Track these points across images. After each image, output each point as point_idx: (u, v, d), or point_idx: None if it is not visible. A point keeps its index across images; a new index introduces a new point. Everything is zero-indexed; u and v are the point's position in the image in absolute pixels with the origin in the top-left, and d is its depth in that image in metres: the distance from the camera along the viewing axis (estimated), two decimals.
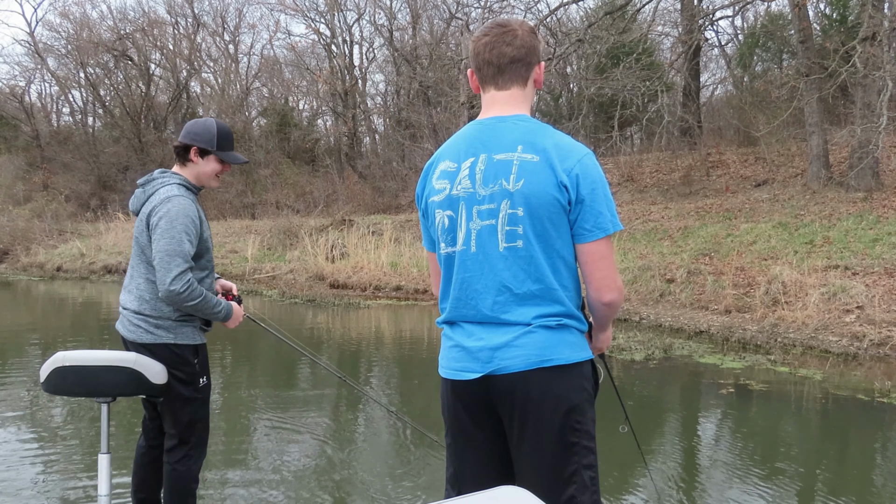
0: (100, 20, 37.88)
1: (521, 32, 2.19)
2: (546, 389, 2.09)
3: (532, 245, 2.09)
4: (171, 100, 35.82)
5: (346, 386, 7.47)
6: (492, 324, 2.15)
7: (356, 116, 31.87)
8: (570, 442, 2.11)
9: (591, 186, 2.08)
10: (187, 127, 3.37)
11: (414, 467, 4.90)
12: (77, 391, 3.11)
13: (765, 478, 4.60)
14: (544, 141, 2.11)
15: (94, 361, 3.03)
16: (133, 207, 3.33)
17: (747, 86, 25.27)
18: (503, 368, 2.10)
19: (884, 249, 10.95)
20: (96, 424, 5.78)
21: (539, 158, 2.09)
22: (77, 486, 4.47)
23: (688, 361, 7.91)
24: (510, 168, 2.11)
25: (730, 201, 16.30)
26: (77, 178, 32.45)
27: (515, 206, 2.09)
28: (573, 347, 2.13)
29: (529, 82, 2.23)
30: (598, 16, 17.95)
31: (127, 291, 3.33)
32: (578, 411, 2.11)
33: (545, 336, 2.10)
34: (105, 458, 3.10)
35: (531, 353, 2.09)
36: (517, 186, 2.09)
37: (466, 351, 2.17)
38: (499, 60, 2.18)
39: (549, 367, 2.09)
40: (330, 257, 17.03)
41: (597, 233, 2.09)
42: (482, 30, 2.24)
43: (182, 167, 3.36)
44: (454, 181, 2.19)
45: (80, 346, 9.34)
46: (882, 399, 6.31)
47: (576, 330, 2.16)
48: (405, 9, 31.82)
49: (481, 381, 2.14)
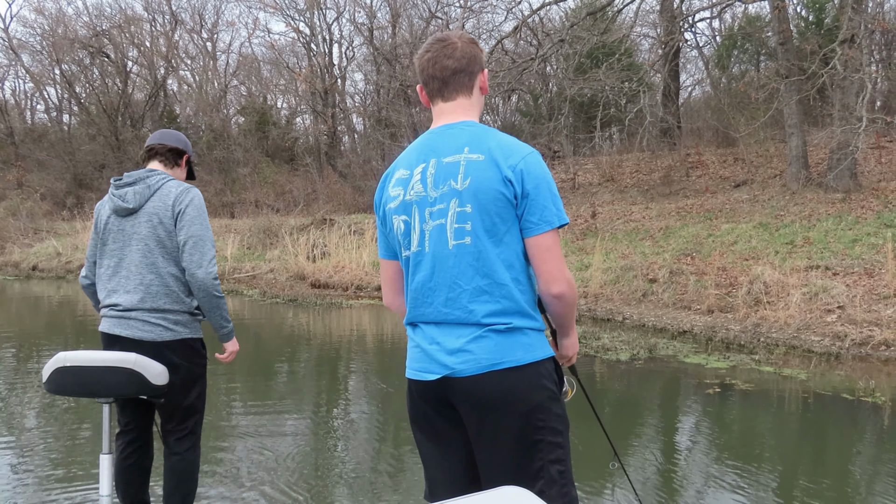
0: (75, 16, 37.49)
1: (460, 44, 2.29)
2: (500, 391, 2.14)
3: (480, 240, 2.15)
4: (148, 97, 35.46)
5: (325, 387, 7.43)
6: (446, 323, 2.21)
7: (336, 115, 31.74)
8: (532, 440, 2.15)
9: (535, 181, 2.14)
10: (173, 135, 3.51)
11: (396, 467, 4.86)
12: (78, 391, 3.10)
13: (755, 477, 4.61)
14: (489, 141, 2.20)
15: (95, 362, 3.03)
16: (134, 204, 3.24)
17: (725, 87, 25.47)
18: (457, 372, 2.17)
19: (863, 250, 11.07)
20: (86, 424, 5.69)
21: (484, 157, 2.17)
22: (75, 486, 4.41)
23: (673, 361, 7.93)
24: (458, 168, 2.19)
25: (710, 202, 16.41)
26: (52, 176, 32.03)
27: (464, 204, 2.16)
28: (526, 348, 2.17)
29: (475, 90, 2.33)
30: (580, 16, 17.99)
31: (125, 293, 3.24)
32: (540, 410, 2.15)
33: (496, 341, 2.15)
34: (107, 459, 3.10)
35: (482, 356, 2.14)
36: (465, 185, 2.16)
37: (425, 352, 2.24)
38: (442, 74, 2.28)
39: (502, 369, 2.13)
40: (311, 257, 16.93)
41: (543, 226, 2.14)
42: (425, 46, 2.34)
43: (168, 169, 3.43)
44: (407, 187, 2.28)
45: (55, 345, 9.21)
46: (866, 398, 6.36)
47: (529, 330, 2.19)
48: (385, 7, 31.74)
49: (440, 382, 2.20)
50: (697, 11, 20.17)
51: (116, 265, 3.28)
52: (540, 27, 19.73)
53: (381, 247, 2.45)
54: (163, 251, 3.23)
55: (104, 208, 3.35)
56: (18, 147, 34.22)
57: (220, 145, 31.56)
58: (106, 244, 3.32)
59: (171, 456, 3.37)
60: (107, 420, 3.10)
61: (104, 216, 3.33)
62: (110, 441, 3.13)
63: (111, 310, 3.26)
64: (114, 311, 3.25)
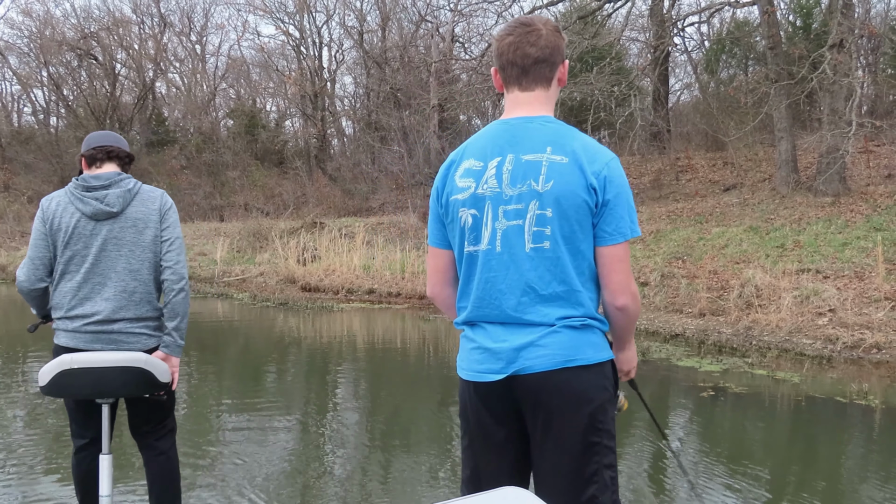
0: (63, 18, 37.25)
1: (545, 32, 2.17)
2: (571, 389, 2.09)
3: (559, 246, 2.09)
4: (136, 100, 35.30)
5: (316, 391, 7.39)
6: (515, 324, 2.14)
7: (325, 118, 31.69)
8: (591, 441, 2.11)
9: (617, 190, 2.08)
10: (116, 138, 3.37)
11: (387, 472, 4.83)
12: (86, 393, 3.05)
13: (756, 481, 4.60)
14: (572, 143, 2.11)
15: (105, 363, 3.00)
16: (118, 207, 3.16)
17: (714, 91, 25.58)
18: (527, 368, 2.10)
19: (853, 253, 11.12)
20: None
21: (568, 160, 2.08)
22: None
23: (666, 364, 7.93)
24: (539, 169, 2.10)
25: (700, 205, 16.46)
26: (40, 178, 31.77)
27: (544, 207, 2.08)
28: (596, 347, 2.13)
29: (554, 82, 2.23)
30: (571, 20, 18.03)
31: (103, 300, 3.13)
32: (601, 410, 2.12)
33: (569, 336, 2.10)
34: (106, 459, 3.09)
35: (556, 352, 2.08)
36: (546, 187, 2.08)
37: (489, 352, 2.15)
38: (523, 61, 2.17)
39: (574, 366, 2.09)
40: (301, 260, 16.87)
41: (616, 237, 2.09)
42: (506, 28, 2.20)
43: (125, 171, 3.32)
44: (480, 180, 2.17)
45: (41, 349, 9.11)
46: (859, 401, 6.38)
47: (598, 330, 2.17)
48: (375, 11, 31.74)
49: (505, 381, 2.13)
50: (687, 16, 20.25)
51: (89, 271, 3.13)
52: None
53: (435, 235, 2.32)
54: (147, 257, 3.20)
55: (65, 211, 3.16)
56: (5, 149, 33.96)
57: (209, 148, 31.45)
58: (73, 248, 3.14)
59: (157, 457, 3.33)
60: (107, 420, 3.08)
61: (69, 219, 3.14)
62: (110, 441, 3.11)
63: (86, 323, 3.11)
64: (90, 323, 3.12)
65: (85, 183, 3.17)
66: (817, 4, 22.01)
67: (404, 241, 17.10)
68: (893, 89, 21.68)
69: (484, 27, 31.30)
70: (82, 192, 3.16)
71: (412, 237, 17.49)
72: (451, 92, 24.29)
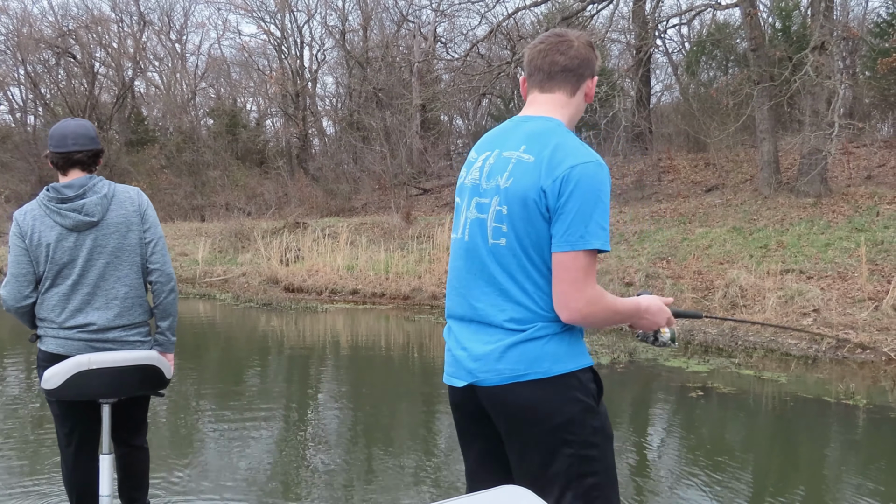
0: (41, 16, 36.94)
1: (576, 44, 2.18)
2: (527, 404, 2.06)
3: (514, 245, 2.07)
4: (115, 99, 34.96)
5: (299, 391, 7.33)
6: (474, 322, 2.15)
7: (307, 118, 31.55)
8: (562, 454, 2.07)
9: (574, 198, 1.98)
10: (83, 133, 3.15)
11: (370, 470, 4.79)
12: (102, 392, 3.05)
13: (750, 479, 4.61)
14: (550, 143, 2.05)
15: (124, 362, 3.04)
16: (99, 216, 3.06)
17: (694, 93, 25.72)
18: (482, 381, 2.11)
19: (836, 254, 11.21)
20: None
21: (534, 160, 2.05)
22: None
23: (653, 365, 7.95)
24: (507, 166, 2.11)
25: (683, 206, 16.53)
26: (17, 178, 31.41)
27: (502, 204, 2.08)
28: (554, 359, 2.05)
29: (578, 94, 2.21)
30: (554, 21, 18.05)
31: (97, 310, 3.10)
32: (571, 423, 2.06)
33: (522, 349, 2.05)
34: (107, 459, 3.10)
35: (506, 367, 2.06)
36: (506, 184, 2.08)
37: (454, 359, 2.20)
38: (550, 68, 2.18)
39: (527, 381, 2.05)
40: (284, 260, 16.77)
41: (563, 245, 2.00)
42: (539, 38, 2.24)
43: (91, 172, 3.19)
44: (469, 170, 2.25)
45: (18, 354, 8.99)
46: (846, 401, 6.41)
47: (558, 337, 2.08)
48: (357, 10, 31.65)
49: (469, 388, 2.16)
50: (669, 18, 20.35)
51: (76, 283, 3.07)
52: (515, 31, 19.77)
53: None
54: (133, 261, 3.17)
55: (43, 224, 3.05)
56: None
57: (190, 148, 31.22)
58: (58, 262, 3.06)
59: (137, 451, 3.42)
60: (107, 421, 3.10)
61: (49, 233, 3.04)
62: (110, 442, 3.13)
63: (80, 331, 3.07)
64: (84, 332, 3.08)
65: (59, 194, 3.06)
66: (797, 7, 22.18)
67: (388, 241, 17.04)
68: (871, 91, 21.89)
69: (467, 27, 31.35)
70: (57, 204, 3.05)
71: (396, 237, 17.43)
72: (433, 92, 24.27)
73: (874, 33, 22.21)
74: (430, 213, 21.27)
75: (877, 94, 21.41)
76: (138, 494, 3.45)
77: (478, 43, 19.33)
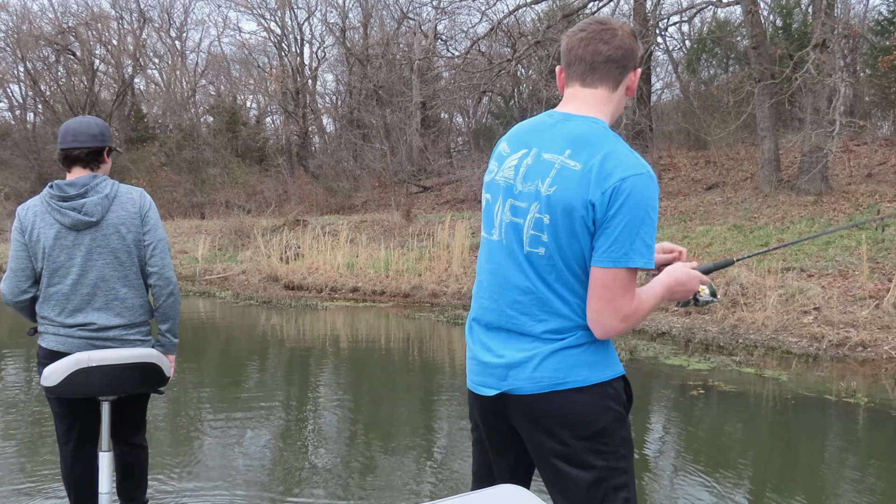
0: (41, 13, 36.84)
1: (621, 33, 2.03)
2: (562, 414, 1.99)
3: (554, 255, 1.96)
4: (115, 96, 34.91)
5: (298, 389, 7.32)
6: (506, 330, 2.06)
7: (307, 116, 31.52)
8: (594, 465, 2.00)
9: (623, 212, 1.89)
10: (86, 130, 3.13)
11: (368, 468, 4.78)
12: (100, 389, 3.05)
13: (750, 479, 4.60)
14: (599, 150, 1.93)
15: (123, 360, 3.04)
16: (98, 217, 3.05)
17: (695, 91, 25.71)
18: (516, 389, 2.02)
19: (836, 252, 11.19)
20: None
21: (581, 168, 1.92)
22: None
23: (654, 363, 7.93)
24: (549, 171, 1.98)
25: (683, 204, 16.52)
26: (16, 175, 31.36)
27: (543, 212, 1.96)
28: (592, 367, 2.00)
29: (620, 88, 2.08)
30: (555, 18, 18.04)
31: (96, 310, 3.10)
32: (603, 433, 2.00)
33: (562, 356, 1.99)
34: (106, 457, 3.10)
35: (544, 375, 1.98)
36: (549, 192, 1.96)
37: (483, 365, 2.11)
38: (592, 58, 2.03)
39: (565, 389, 1.98)
40: (284, 258, 16.74)
41: (604, 261, 1.91)
42: (579, 25, 2.09)
43: (96, 169, 3.16)
44: (501, 166, 2.11)
45: (18, 352, 8.98)
46: (848, 399, 6.40)
47: (594, 346, 2.02)
48: (357, 8, 31.61)
49: (499, 397, 2.08)
50: (670, 15, 20.33)
51: (76, 283, 3.06)
52: (517, 28, 19.75)
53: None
54: (132, 262, 3.16)
55: (43, 221, 3.05)
56: None
57: (190, 145, 31.19)
58: (56, 260, 3.05)
59: (137, 450, 3.42)
60: (107, 418, 3.10)
61: (48, 230, 3.04)
62: (109, 440, 3.13)
63: (80, 329, 3.08)
64: (84, 330, 3.08)
65: (61, 192, 3.05)
66: (797, 4, 22.17)
67: (388, 238, 17.02)
68: (872, 89, 21.88)
69: (468, 24, 31.30)
70: (59, 202, 3.04)
71: (396, 235, 17.41)
72: (434, 90, 24.25)
73: (875, 31, 22.20)
74: (430, 211, 21.26)
75: (877, 92, 21.41)
76: (137, 493, 3.45)
77: (478, 40, 19.31)
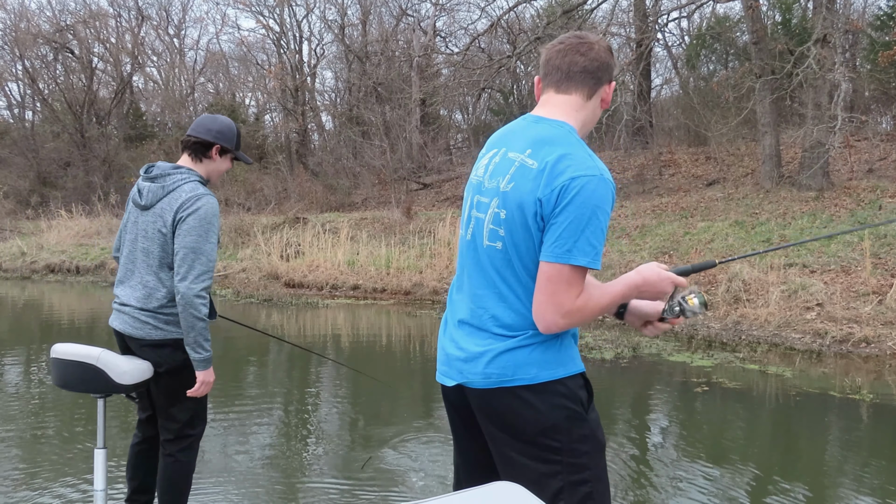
0: (38, 11, 36.78)
1: (597, 47, 2.14)
2: (510, 410, 2.05)
3: (508, 250, 2.05)
4: (114, 94, 34.82)
5: (299, 386, 7.30)
6: (470, 325, 2.13)
7: (306, 113, 31.46)
8: (548, 459, 2.05)
9: (570, 210, 1.94)
10: (206, 123, 3.33)
11: (369, 464, 4.76)
12: (57, 382, 3.13)
13: (754, 475, 4.58)
14: (555, 151, 2.00)
15: (66, 355, 3.04)
16: (146, 202, 3.19)
17: (694, 87, 25.65)
18: (470, 382, 2.10)
19: (839, 248, 11.16)
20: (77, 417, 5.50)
21: (537, 166, 2.00)
22: (71, 481, 4.37)
23: (657, 360, 7.91)
24: (509, 168, 2.07)
25: (684, 200, 16.48)
26: (15, 174, 31.26)
27: (500, 207, 2.06)
28: (541, 366, 2.04)
29: (595, 98, 2.16)
30: (555, 14, 17.99)
31: (129, 287, 3.24)
32: (555, 430, 2.04)
33: (511, 355, 2.04)
34: (101, 454, 3.10)
35: (494, 371, 2.05)
36: (507, 188, 2.05)
37: (447, 356, 2.20)
38: (569, 67, 2.13)
39: (514, 387, 2.04)
40: (284, 256, 16.71)
41: (548, 255, 1.96)
42: (558, 39, 2.21)
43: (196, 163, 3.31)
44: (476, 166, 2.23)
45: (18, 346, 8.97)
46: (853, 396, 6.38)
47: (547, 347, 2.06)
48: (355, 5, 31.53)
49: (458, 388, 2.16)
50: (670, 11, 20.27)
51: (127, 256, 3.28)
52: (517, 24, 19.70)
53: None
54: (162, 255, 3.17)
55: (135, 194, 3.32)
56: None
57: None
58: (123, 229, 3.35)
59: (164, 457, 3.32)
60: (101, 415, 3.08)
61: (130, 203, 3.32)
62: (104, 437, 3.12)
63: (115, 301, 3.30)
64: (115, 302, 3.29)
65: (145, 171, 3.28)
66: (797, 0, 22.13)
67: (388, 236, 16.99)
68: (872, 84, 21.82)
69: (467, 21, 31.26)
70: (141, 179, 3.27)
71: (396, 232, 17.38)
72: (433, 87, 24.20)
73: (875, 26, 22.14)
74: (430, 208, 21.21)
75: (878, 88, 21.36)
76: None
77: (478, 37, 19.26)
